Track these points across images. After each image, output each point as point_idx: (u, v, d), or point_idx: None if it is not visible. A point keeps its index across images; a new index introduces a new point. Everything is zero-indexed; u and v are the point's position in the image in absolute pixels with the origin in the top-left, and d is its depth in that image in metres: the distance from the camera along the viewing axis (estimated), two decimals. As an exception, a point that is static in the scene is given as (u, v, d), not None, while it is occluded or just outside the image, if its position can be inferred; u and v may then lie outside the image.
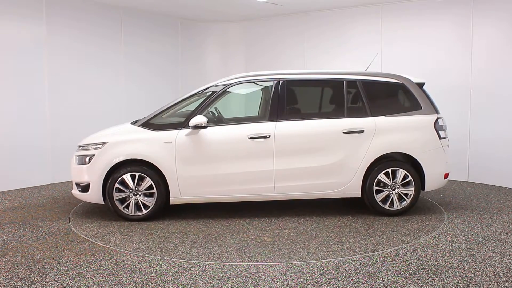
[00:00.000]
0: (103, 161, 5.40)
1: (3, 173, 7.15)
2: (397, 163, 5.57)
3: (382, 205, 5.56)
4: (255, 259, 4.23)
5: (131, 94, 8.89)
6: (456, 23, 7.60)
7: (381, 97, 5.79)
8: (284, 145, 5.43)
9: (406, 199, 5.57)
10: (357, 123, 5.55)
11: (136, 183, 5.40)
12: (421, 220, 5.44)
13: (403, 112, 5.68)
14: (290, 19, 9.35)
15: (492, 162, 7.37)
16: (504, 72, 7.15)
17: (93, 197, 5.49)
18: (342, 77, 5.73)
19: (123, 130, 5.73)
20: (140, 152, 5.38)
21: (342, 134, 5.49)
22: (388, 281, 3.72)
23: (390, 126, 5.59)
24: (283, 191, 5.50)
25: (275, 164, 5.42)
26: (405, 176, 5.54)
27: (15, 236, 4.96)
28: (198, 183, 5.43)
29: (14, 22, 7.20)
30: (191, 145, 5.40)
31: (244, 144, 5.43)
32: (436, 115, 5.68)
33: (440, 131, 5.66)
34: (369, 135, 5.51)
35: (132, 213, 5.45)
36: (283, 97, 5.59)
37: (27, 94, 7.38)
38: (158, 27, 9.39)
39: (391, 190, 5.55)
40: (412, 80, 5.77)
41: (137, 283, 3.71)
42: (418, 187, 5.57)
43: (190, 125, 5.38)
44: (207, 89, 5.72)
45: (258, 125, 5.51)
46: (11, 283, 3.71)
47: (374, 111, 5.62)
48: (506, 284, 3.64)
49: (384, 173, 5.53)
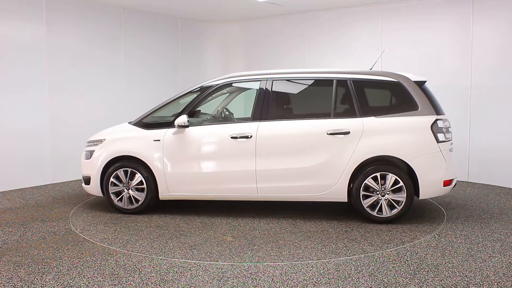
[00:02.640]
0: (101, 157, 5.80)
1: (3, 173, 7.15)
2: (387, 168, 5.21)
3: (370, 211, 5.26)
4: (202, 258, 4.24)
5: (131, 94, 8.89)
6: (456, 23, 7.61)
7: (373, 97, 5.50)
8: (266, 145, 5.38)
9: (397, 206, 5.21)
10: (343, 124, 5.29)
11: (129, 178, 5.72)
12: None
13: (397, 113, 5.30)
14: (290, 19, 9.35)
15: (492, 162, 7.37)
16: (504, 72, 7.15)
17: (93, 190, 5.89)
18: (332, 76, 5.52)
19: (119, 128, 6.08)
20: (131, 149, 5.70)
21: (327, 135, 5.27)
22: (388, 281, 3.72)
23: (380, 128, 5.25)
24: (265, 192, 5.45)
25: (257, 164, 5.39)
26: (396, 181, 5.18)
27: (15, 236, 4.96)
28: (184, 180, 5.61)
29: (14, 22, 7.20)
30: (177, 144, 5.61)
31: (227, 144, 5.48)
32: (434, 116, 5.24)
33: (439, 133, 5.21)
34: (355, 137, 5.23)
35: (125, 206, 5.76)
36: (268, 97, 5.54)
37: (27, 94, 7.38)
38: (158, 27, 9.39)
39: (380, 196, 5.24)
40: (411, 79, 5.38)
41: (137, 283, 3.71)
42: (410, 194, 5.17)
43: (175, 124, 5.58)
44: (196, 89, 5.84)
45: (242, 125, 5.53)
46: (11, 283, 3.71)
47: (364, 111, 5.32)
48: (506, 284, 3.64)
49: (372, 177, 5.21)
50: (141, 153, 5.66)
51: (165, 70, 9.60)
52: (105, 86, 8.50)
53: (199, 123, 5.72)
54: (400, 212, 5.23)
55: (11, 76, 7.19)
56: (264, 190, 5.44)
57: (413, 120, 5.25)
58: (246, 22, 10.03)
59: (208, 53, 10.41)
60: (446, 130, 5.33)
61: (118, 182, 5.76)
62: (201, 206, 6.14)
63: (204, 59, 10.35)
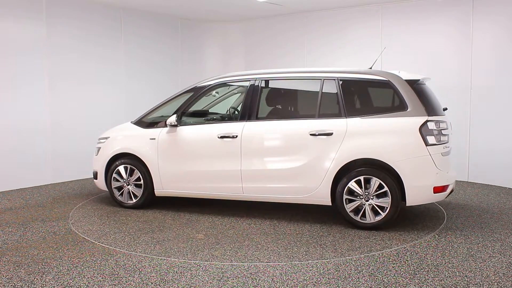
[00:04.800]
0: (105, 153, 6.15)
1: (3, 173, 7.15)
2: (371, 171, 4.92)
3: (354, 216, 5.00)
4: (167, 254, 4.30)
5: (131, 94, 8.89)
6: (456, 23, 7.60)
7: (360, 97, 5.27)
8: (250, 145, 5.37)
9: (381, 212, 4.92)
10: (327, 124, 5.09)
11: (129, 174, 6.00)
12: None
13: (384, 113, 5.01)
14: (290, 19, 9.35)
15: (492, 162, 7.36)
16: (505, 72, 7.15)
17: (100, 184, 6.26)
18: (320, 75, 5.33)
19: (122, 127, 6.40)
20: (130, 147, 5.98)
21: (309, 136, 5.12)
22: (388, 281, 3.72)
23: (364, 129, 4.98)
24: (250, 192, 5.44)
25: (242, 164, 5.40)
26: (380, 186, 4.89)
27: (15, 236, 4.96)
28: (176, 178, 5.76)
29: (14, 22, 7.20)
30: (170, 142, 5.78)
31: (215, 143, 5.53)
32: (424, 118, 4.87)
33: (429, 136, 4.84)
34: (338, 138, 5.01)
35: (125, 201, 6.06)
36: (255, 97, 5.52)
37: (27, 94, 7.38)
38: (158, 27, 9.39)
39: (363, 200, 4.98)
40: (402, 77, 5.06)
41: (137, 283, 3.71)
42: (396, 200, 4.86)
43: (167, 124, 5.76)
44: (191, 89, 5.95)
45: (229, 125, 5.56)
46: (11, 283, 3.71)
47: (350, 111, 5.07)
48: (506, 284, 3.64)
49: (356, 181, 4.96)
50: (139, 150, 5.90)
51: (166, 70, 9.60)
52: (105, 85, 8.50)
53: (192, 122, 5.83)
54: (384, 219, 4.93)
55: (11, 76, 7.19)
56: (249, 190, 5.44)
57: (400, 121, 4.93)
58: (246, 22, 10.03)
59: (209, 53, 10.40)
60: (439, 132, 4.94)
61: (119, 177, 6.05)
62: (201, 204, 6.14)
63: (205, 59, 10.34)
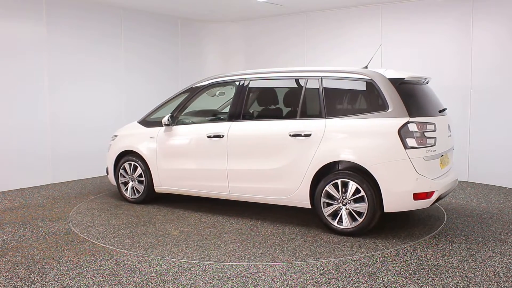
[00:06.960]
0: (114, 150, 6.50)
1: (3, 173, 7.15)
2: (349, 174, 4.73)
3: (331, 221, 4.84)
4: (129, 248, 4.32)
5: (131, 95, 8.88)
6: (456, 23, 7.60)
7: (342, 96, 5.10)
8: (235, 145, 5.42)
9: (358, 218, 4.70)
10: (306, 125, 4.97)
11: (132, 170, 6.29)
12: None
13: (364, 114, 4.79)
14: (290, 19, 9.35)
15: (492, 162, 7.36)
16: (505, 72, 7.15)
17: (111, 179, 6.61)
18: (304, 74, 5.26)
19: (129, 126, 6.71)
20: (134, 145, 6.26)
21: (289, 137, 5.03)
22: (388, 281, 3.72)
23: (342, 130, 4.81)
24: (236, 191, 5.49)
25: (228, 163, 5.46)
26: (357, 190, 4.68)
27: (15, 236, 4.96)
28: (171, 175, 5.96)
29: (14, 22, 7.20)
30: (166, 141, 6.00)
31: (204, 143, 5.64)
32: (405, 119, 4.56)
33: (408, 138, 4.52)
34: (316, 140, 4.87)
35: (130, 196, 6.35)
36: (242, 97, 5.56)
37: (27, 94, 7.37)
38: (158, 27, 9.39)
39: (341, 205, 4.80)
40: (386, 76, 4.80)
41: (137, 283, 3.71)
42: (372, 205, 4.61)
43: (162, 123, 5.98)
44: (188, 89, 6.13)
45: (217, 125, 5.66)
46: (11, 283, 3.71)
47: (331, 112, 4.92)
48: (506, 284, 3.64)
49: (333, 184, 4.79)
50: (140, 148, 6.17)
51: (166, 70, 9.59)
52: (106, 85, 8.49)
53: (185, 122, 6.00)
54: (361, 225, 4.69)
55: (11, 76, 7.19)
56: (235, 189, 5.49)
57: (379, 123, 4.67)
58: (246, 22, 10.02)
59: (209, 53, 10.39)
60: (421, 135, 4.58)
61: (125, 173, 6.38)
62: (200, 202, 6.16)
63: (205, 59, 10.34)
